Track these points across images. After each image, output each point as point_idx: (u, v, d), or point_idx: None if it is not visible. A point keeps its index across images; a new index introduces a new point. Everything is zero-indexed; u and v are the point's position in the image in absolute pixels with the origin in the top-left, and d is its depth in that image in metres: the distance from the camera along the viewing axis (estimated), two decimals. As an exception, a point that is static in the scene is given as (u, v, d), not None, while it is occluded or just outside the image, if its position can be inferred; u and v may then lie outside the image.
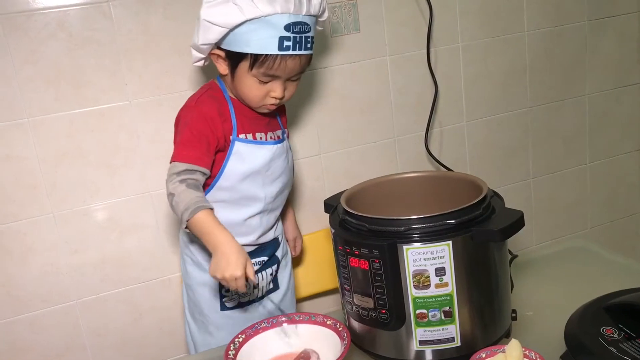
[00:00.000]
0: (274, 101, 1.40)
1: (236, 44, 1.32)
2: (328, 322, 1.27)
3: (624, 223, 2.39)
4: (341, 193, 1.34)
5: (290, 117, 1.74)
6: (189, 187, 1.30)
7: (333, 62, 1.83)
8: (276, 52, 1.29)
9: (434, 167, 2.00)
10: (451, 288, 1.12)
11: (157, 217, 1.73)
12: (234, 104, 1.43)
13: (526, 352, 1.08)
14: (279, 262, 1.57)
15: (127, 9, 1.59)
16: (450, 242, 1.10)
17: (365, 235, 1.16)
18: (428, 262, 1.10)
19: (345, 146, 1.91)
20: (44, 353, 1.70)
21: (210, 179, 1.40)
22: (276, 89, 1.37)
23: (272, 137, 1.47)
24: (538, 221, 2.24)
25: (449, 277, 1.11)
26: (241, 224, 1.44)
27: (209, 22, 1.30)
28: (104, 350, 1.75)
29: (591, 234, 2.34)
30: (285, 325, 1.27)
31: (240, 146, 1.40)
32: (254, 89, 1.37)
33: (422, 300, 1.13)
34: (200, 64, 1.44)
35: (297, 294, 1.76)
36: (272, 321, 1.29)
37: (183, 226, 1.29)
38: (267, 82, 1.36)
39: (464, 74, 2.00)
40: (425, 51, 1.90)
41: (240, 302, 1.50)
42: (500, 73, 2.06)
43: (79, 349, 1.73)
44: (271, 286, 1.57)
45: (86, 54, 1.58)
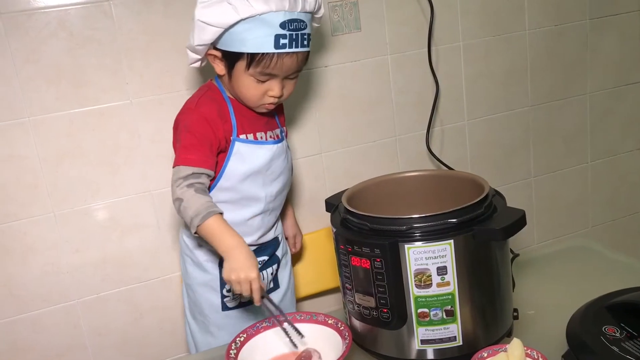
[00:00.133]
0: (272, 100, 1.39)
1: (232, 44, 1.31)
2: (329, 322, 1.27)
3: (626, 222, 2.39)
4: (342, 192, 1.34)
5: (291, 116, 1.74)
6: (198, 191, 1.30)
7: (334, 61, 1.83)
8: (272, 50, 1.29)
9: (435, 166, 2.00)
10: (453, 287, 1.11)
11: (158, 216, 1.72)
12: (233, 105, 1.42)
13: (528, 351, 1.08)
14: (279, 261, 1.57)
15: (128, 8, 1.59)
16: (451, 241, 1.10)
17: (367, 234, 1.16)
18: (430, 261, 1.10)
19: (346, 145, 1.90)
20: (45, 352, 1.70)
21: (212, 180, 1.40)
22: (274, 88, 1.36)
23: (271, 136, 1.47)
24: (539, 220, 2.24)
25: (451, 276, 1.11)
26: (243, 224, 1.44)
27: (203, 22, 1.29)
28: (105, 349, 1.75)
29: (593, 232, 2.33)
30: (287, 326, 1.27)
31: (240, 146, 1.40)
32: (251, 88, 1.36)
33: (423, 300, 1.12)
34: (197, 65, 1.44)
35: (298, 294, 1.76)
36: (274, 320, 1.29)
37: (192, 231, 1.28)
38: (264, 81, 1.35)
39: (465, 73, 2.00)
40: (427, 50, 1.89)
41: (241, 302, 1.50)
42: (502, 72, 2.05)
43: (80, 348, 1.73)
44: (271, 285, 1.57)
45: (87, 53, 1.58)
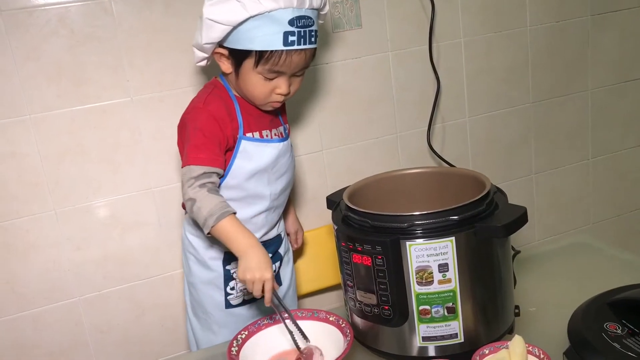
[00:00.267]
0: (279, 98, 1.39)
1: (240, 42, 1.31)
2: (331, 319, 1.27)
3: (627, 218, 2.39)
4: (344, 189, 1.34)
5: (292, 113, 1.73)
6: (210, 191, 1.29)
7: (335, 57, 1.82)
8: (281, 47, 1.28)
9: (436, 163, 2.00)
10: (454, 284, 1.11)
11: (159, 214, 1.72)
12: (239, 103, 1.42)
13: (529, 348, 1.08)
14: (281, 258, 1.57)
15: (128, 5, 1.59)
16: (453, 238, 1.10)
17: (368, 231, 1.16)
18: (431, 258, 1.10)
19: (348, 142, 1.90)
20: (47, 350, 1.70)
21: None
22: (281, 85, 1.36)
23: (276, 134, 1.47)
24: (541, 217, 2.24)
25: (452, 273, 1.11)
26: (247, 222, 1.43)
27: (212, 20, 1.29)
28: (107, 346, 1.75)
29: (594, 229, 2.33)
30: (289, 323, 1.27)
31: (246, 145, 1.39)
32: (259, 86, 1.36)
33: (425, 297, 1.12)
34: (203, 63, 1.44)
35: (299, 291, 1.77)
36: (275, 318, 1.29)
37: (206, 232, 1.28)
38: (272, 79, 1.35)
39: (466, 69, 2.00)
40: (428, 47, 1.89)
41: (244, 300, 1.50)
42: (503, 68, 2.05)
43: (82, 345, 1.73)
44: (274, 282, 1.57)
45: (87, 51, 1.58)
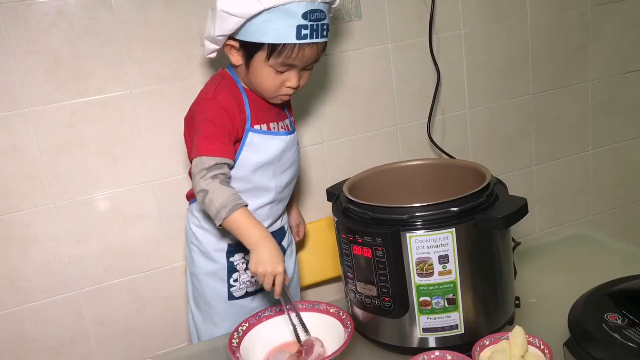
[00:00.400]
0: (289, 91, 1.39)
1: (253, 34, 1.30)
2: (331, 310, 1.27)
3: (628, 210, 2.39)
4: (344, 181, 1.34)
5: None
6: (222, 183, 1.30)
7: (335, 49, 1.82)
8: (294, 41, 1.28)
9: (436, 155, 2.00)
10: (454, 275, 1.12)
11: (159, 206, 1.72)
12: (248, 95, 1.41)
13: (530, 339, 1.08)
14: (284, 251, 1.57)
15: (127, -2, 1.58)
16: (453, 230, 1.10)
17: (368, 223, 1.16)
18: (431, 250, 1.10)
19: (348, 134, 1.90)
20: (48, 343, 1.70)
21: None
22: (292, 79, 1.36)
23: (282, 127, 1.47)
24: (541, 208, 2.24)
25: (452, 264, 1.11)
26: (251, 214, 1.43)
27: (226, 12, 1.28)
28: (107, 339, 1.75)
29: (594, 221, 2.33)
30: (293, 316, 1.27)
31: (254, 137, 1.39)
32: (269, 79, 1.36)
33: (425, 288, 1.13)
34: (214, 55, 1.43)
35: (300, 283, 1.77)
36: (276, 310, 1.30)
37: (218, 224, 1.28)
38: (283, 72, 1.35)
39: (466, 61, 1.99)
40: (428, 38, 1.89)
41: (247, 292, 1.50)
42: (503, 60, 2.04)
43: (83, 338, 1.73)
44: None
45: (87, 44, 1.57)
